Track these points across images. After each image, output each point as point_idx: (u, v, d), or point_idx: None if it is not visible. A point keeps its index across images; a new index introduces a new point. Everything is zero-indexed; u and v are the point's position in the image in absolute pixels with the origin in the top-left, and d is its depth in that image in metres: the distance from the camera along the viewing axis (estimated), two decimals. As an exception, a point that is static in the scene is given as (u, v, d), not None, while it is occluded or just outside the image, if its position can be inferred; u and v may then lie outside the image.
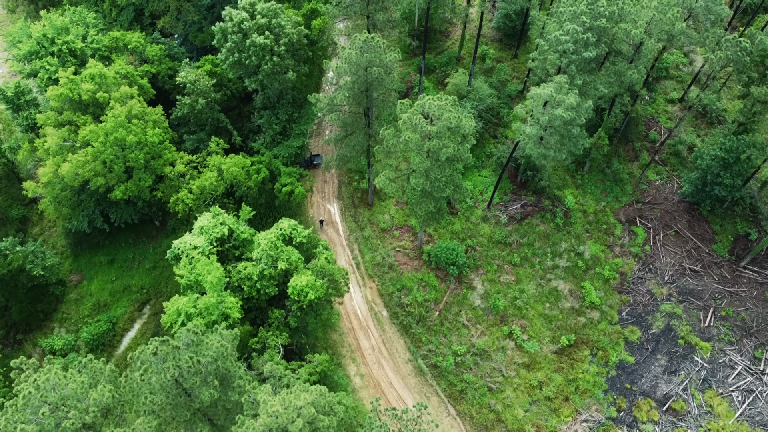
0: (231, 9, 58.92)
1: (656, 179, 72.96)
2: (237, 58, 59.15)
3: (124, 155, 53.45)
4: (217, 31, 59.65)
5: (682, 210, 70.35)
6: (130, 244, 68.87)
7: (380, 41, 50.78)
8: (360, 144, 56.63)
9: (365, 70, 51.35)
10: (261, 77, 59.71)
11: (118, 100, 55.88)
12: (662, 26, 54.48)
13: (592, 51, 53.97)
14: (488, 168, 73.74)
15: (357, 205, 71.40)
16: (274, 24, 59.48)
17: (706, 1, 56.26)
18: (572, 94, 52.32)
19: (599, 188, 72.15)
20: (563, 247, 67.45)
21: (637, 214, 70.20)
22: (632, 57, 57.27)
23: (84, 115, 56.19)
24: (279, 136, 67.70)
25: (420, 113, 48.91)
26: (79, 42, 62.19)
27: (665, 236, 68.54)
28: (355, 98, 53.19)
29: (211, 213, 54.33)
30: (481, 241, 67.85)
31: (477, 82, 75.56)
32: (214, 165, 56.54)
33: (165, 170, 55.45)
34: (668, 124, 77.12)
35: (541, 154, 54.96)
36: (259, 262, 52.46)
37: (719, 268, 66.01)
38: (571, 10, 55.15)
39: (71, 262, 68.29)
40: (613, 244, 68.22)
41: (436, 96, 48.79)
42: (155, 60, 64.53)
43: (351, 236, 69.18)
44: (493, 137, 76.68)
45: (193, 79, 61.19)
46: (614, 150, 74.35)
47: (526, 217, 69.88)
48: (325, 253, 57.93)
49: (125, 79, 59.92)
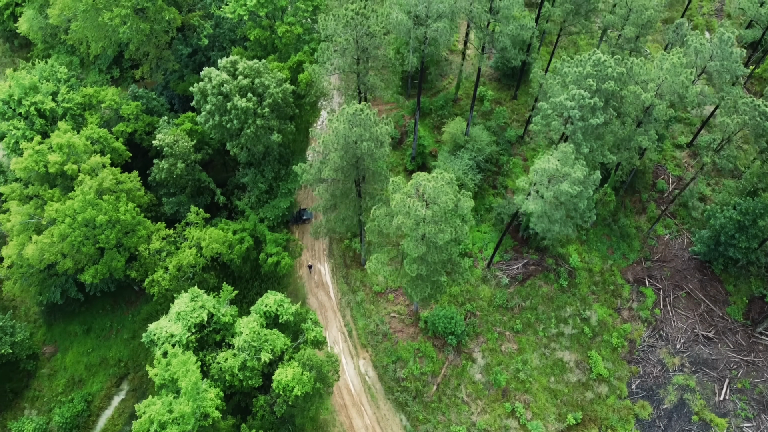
0: (210, 69, 54.73)
1: (665, 233, 69.00)
2: (217, 121, 54.99)
3: (94, 235, 49.23)
4: (195, 92, 55.48)
5: (693, 268, 66.44)
6: (108, 311, 64.65)
7: (370, 113, 46.67)
8: (350, 218, 52.56)
9: (355, 144, 47.25)
10: (243, 141, 55.55)
11: (88, 171, 51.65)
12: (674, 89, 50.48)
13: (599, 117, 49.98)
14: (488, 222, 69.71)
15: (349, 265, 67.26)
16: (258, 84, 55.33)
17: (722, 61, 52.29)
18: (579, 166, 48.33)
19: (605, 245, 68.19)
20: (568, 312, 63.45)
21: (645, 274, 66.25)
22: (642, 119, 53.31)
23: (51, 189, 51.98)
24: (265, 195, 63.52)
25: (414, 193, 44.82)
26: (49, 101, 57.94)
27: (676, 298, 64.60)
28: (343, 171, 49.10)
29: (188, 295, 50.21)
30: (480, 305, 63.82)
31: (475, 129, 71.47)
32: (193, 239, 52.35)
33: (139, 248, 51.24)
34: (676, 172, 73.20)
35: (546, 229, 50.95)
36: (241, 351, 48.39)
37: (734, 334, 62.12)
38: (576, 71, 51.13)
39: (44, 331, 64.05)
40: (620, 308, 64.25)
41: (432, 175, 44.66)
42: (131, 118, 60.25)
43: (343, 300, 65.05)
44: (493, 187, 72.65)
45: (171, 141, 57.00)
46: (620, 201, 70.38)
47: (529, 278, 65.88)
48: (314, 330, 53.99)
49: (97, 144, 55.67)
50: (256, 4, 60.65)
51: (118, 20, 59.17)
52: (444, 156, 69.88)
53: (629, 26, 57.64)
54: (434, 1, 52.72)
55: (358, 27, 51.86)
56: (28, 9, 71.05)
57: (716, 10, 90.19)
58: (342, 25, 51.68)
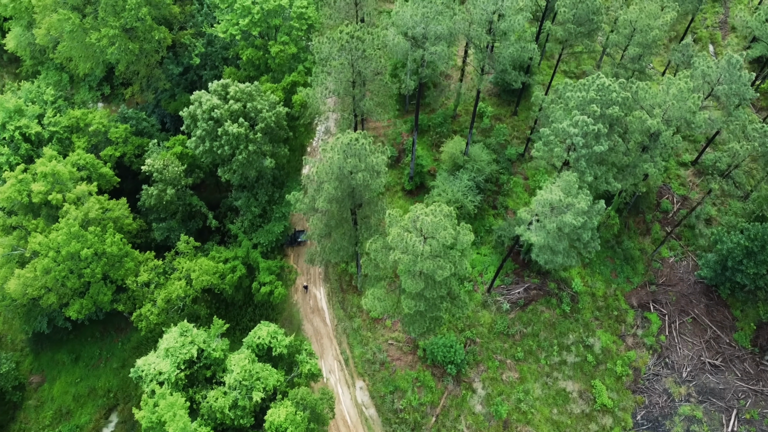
0: (201, 93, 52.89)
1: (670, 256, 67.18)
2: (208, 147, 53.14)
3: (78, 268, 47.35)
4: (185, 116, 53.66)
5: (699, 292, 64.62)
6: (97, 338, 62.77)
7: (365, 143, 44.79)
8: (345, 248, 50.70)
9: (350, 174, 45.38)
10: (235, 167, 53.69)
11: (73, 201, 49.77)
12: (681, 114, 48.64)
13: (604, 144, 48.12)
14: (488, 244, 67.85)
15: (345, 290, 65.40)
16: (250, 108, 53.49)
17: (730, 84, 50.48)
18: (582, 195, 46.51)
19: (609, 268, 66.34)
20: (571, 339, 61.63)
21: (650, 298, 64.43)
22: (647, 144, 51.49)
23: (35, 219, 50.10)
24: (258, 219, 61.68)
25: (411, 227, 42.97)
26: (35, 125, 56.11)
27: (681, 324, 62.80)
28: (338, 202, 47.24)
29: (177, 330, 48.35)
30: (481, 332, 61.99)
31: (475, 148, 69.53)
32: (183, 271, 50.48)
33: (127, 281, 49.37)
34: (681, 191, 71.37)
35: (549, 260, 49.12)
36: (232, 390, 46.53)
37: (742, 361, 60.32)
38: (579, 96, 49.27)
39: (31, 360, 62.16)
40: (625, 334, 62.43)
41: (430, 209, 42.80)
42: (120, 141, 58.37)
43: (339, 326, 63.20)
44: (493, 207, 70.79)
45: (161, 166, 55.11)
46: (623, 223, 68.54)
47: (530, 303, 64.05)
48: (309, 363, 52.19)
49: (84, 171, 53.78)
50: (249, 24, 58.83)
51: (105, 41, 57.34)
52: (443, 176, 68.03)
53: (633, 46, 55.82)
54: (432, 23, 50.85)
55: (353, 50, 50.03)
56: (15, 26, 69.16)
57: (720, 22, 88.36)
58: (337, 49, 49.84)
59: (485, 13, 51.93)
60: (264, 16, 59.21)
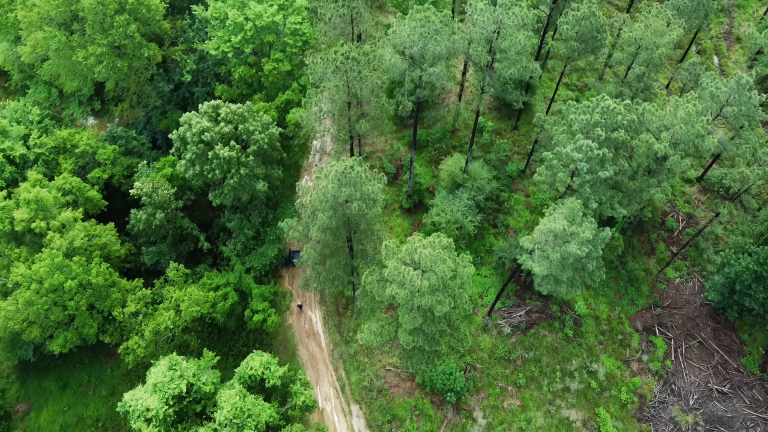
0: (191, 114, 51.02)
1: (675, 277, 65.35)
2: (198, 170, 51.28)
3: (63, 301, 45.47)
4: (175, 138, 51.81)
5: (705, 315, 62.81)
6: (85, 364, 60.84)
7: (360, 171, 42.92)
8: (340, 278, 48.84)
9: (345, 203, 43.53)
10: (226, 191, 51.83)
11: (57, 228, 47.86)
12: (689, 138, 46.81)
13: (609, 169, 46.29)
14: (488, 265, 66.00)
15: (342, 313, 63.53)
16: (242, 130, 51.61)
17: (740, 106, 48.66)
18: (587, 224, 44.69)
19: (612, 289, 64.50)
20: (574, 364, 59.79)
21: (655, 321, 62.60)
22: (653, 168, 49.66)
23: (18, 247, 48.20)
24: (252, 241, 59.81)
25: (408, 260, 41.11)
26: (20, 147, 54.21)
27: (688, 348, 60.97)
28: (332, 231, 45.38)
29: (166, 363, 46.50)
30: (481, 357, 60.13)
31: (474, 166, 67.63)
32: (172, 300, 48.60)
33: (114, 312, 47.48)
34: (686, 209, 69.54)
35: (552, 290, 47.30)
36: (223, 427, 44.71)
37: (750, 388, 58.52)
38: (583, 118, 47.45)
39: (17, 388, 60.24)
40: (629, 359, 60.58)
41: (429, 240, 40.97)
42: (108, 163, 56.46)
43: (335, 351, 61.34)
44: (493, 226, 68.94)
45: (150, 190, 53.23)
46: (627, 242, 66.72)
47: (532, 326, 62.21)
48: (303, 394, 50.55)
49: (69, 195, 51.87)
50: (241, 41, 56.95)
51: (93, 59, 55.46)
52: (442, 195, 66.20)
53: (638, 65, 54.00)
54: (430, 42, 48.99)
55: (349, 72, 48.17)
56: (2, 41, 67.26)
57: (725, 33, 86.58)
58: (331, 71, 47.98)
59: (485, 32, 50.11)
60: (257, 33, 57.35)
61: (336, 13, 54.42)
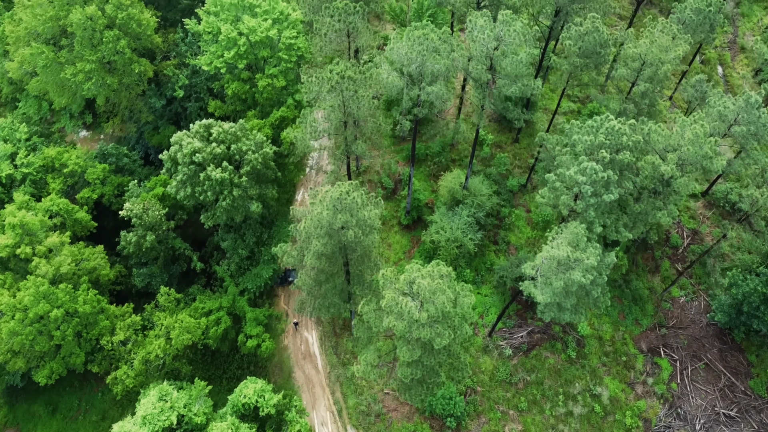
0: (181, 135, 49.46)
1: (680, 295, 63.81)
2: (189, 192, 49.71)
3: (48, 330, 43.88)
4: (165, 159, 50.29)
5: (711, 335, 61.27)
6: (75, 388, 59.26)
7: (356, 196, 41.33)
8: (336, 305, 47.31)
9: (340, 229, 41.95)
10: (218, 213, 50.26)
11: (44, 254, 46.27)
12: (697, 160, 45.27)
13: (614, 192, 44.71)
14: (488, 284, 64.41)
15: (339, 334, 61.95)
16: (234, 150, 50.04)
17: (748, 125, 47.12)
18: (591, 249, 43.14)
19: (616, 309, 62.92)
20: (577, 387, 58.24)
21: (660, 342, 61.06)
22: (659, 189, 48.10)
23: (3, 273, 46.60)
24: (246, 261, 58.23)
25: (407, 289, 39.55)
26: (7, 167, 52.66)
27: (694, 370, 59.44)
28: (328, 258, 43.80)
29: (156, 394, 44.95)
30: (482, 380, 58.58)
31: (475, 181, 66.00)
32: (162, 328, 47.02)
33: (102, 341, 45.89)
34: (691, 225, 67.97)
35: (555, 317, 45.75)
36: (215, 462, 43.21)
37: (758, 412, 56.98)
38: (587, 139, 45.85)
39: (5, 413, 58.67)
40: (634, 381, 59.04)
41: (427, 270, 39.40)
42: (98, 182, 54.88)
43: (332, 374, 59.76)
44: (494, 243, 67.36)
45: (140, 211, 51.65)
46: (631, 259, 65.16)
47: (534, 347, 60.66)
48: (298, 423, 49.11)
49: (57, 217, 50.27)
50: (234, 56, 55.37)
51: (81, 76, 53.88)
52: (441, 211, 64.63)
53: (642, 81, 52.44)
54: (428, 60, 47.41)
55: (345, 91, 46.59)
56: (-10, 55, 65.63)
57: (729, 42, 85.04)
58: (327, 90, 46.39)
59: (485, 49, 48.55)
60: (251, 48, 55.77)
61: (332, 28, 52.78)
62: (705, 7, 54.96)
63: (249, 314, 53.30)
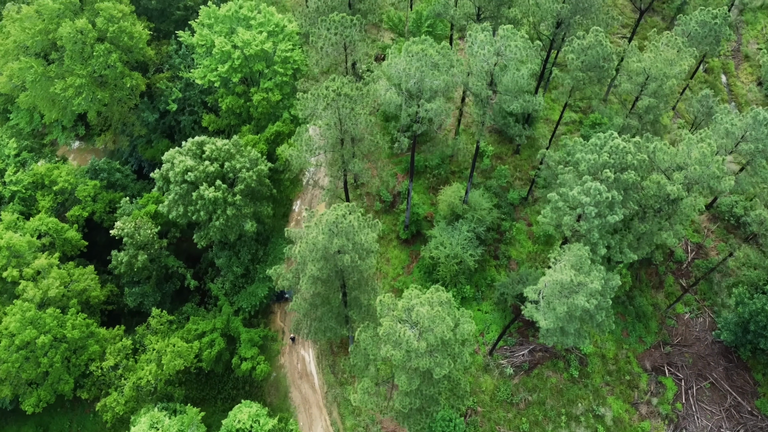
0: (173, 153, 48.13)
1: (685, 312, 62.50)
2: (182, 211, 48.36)
3: (35, 357, 42.53)
4: (157, 178, 48.96)
5: (717, 353, 59.97)
6: (67, 409, 57.77)
7: (353, 219, 40.01)
8: (332, 329, 46.00)
9: (337, 254, 40.62)
10: (212, 234, 48.92)
11: (31, 276, 44.92)
12: (704, 180, 43.97)
13: (618, 213, 43.37)
14: (489, 300, 63.09)
15: (336, 352, 60.59)
16: (228, 168, 48.70)
17: (757, 143, 45.83)
18: (595, 272, 41.83)
19: (620, 326, 61.61)
20: (580, 408, 56.93)
21: (665, 361, 59.74)
22: (666, 210, 46.77)
23: (-11, 297, 45.29)
24: (241, 279, 56.89)
25: (405, 316, 38.23)
26: (-6, 184, 51.23)
27: (699, 389, 58.14)
28: (323, 282, 42.48)
29: (147, 421, 43.62)
30: (482, 400, 57.24)
31: (475, 195, 64.64)
32: (153, 352, 45.68)
33: (91, 367, 44.53)
34: (695, 239, 66.65)
35: (558, 342, 44.42)
36: (207, 493, 41.95)
37: (766, 433, 55.73)
38: (590, 158, 44.50)
39: (-6, 435, 57.32)
40: (638, 401, 57.74)
41: (426, 297, 38.08)
42: (88, 200, 53.52)
43: (329, 394, 58.41)
44: (494, 257, 66.05)
45: (131, 230, 50.30)
46: (635, 274, 63.87)
47: (535, 366, 59.34)
48: (294, 449, 47.67)
49: (46, 237, 48.91)
50: (229, 70, 54.03)
51: (71, 91, 52.54)
52: (441, 226, 63.27)
53: (647, 96, 51.13)
54: (427, 76, 46.07)
55: (341, 108, 45.27)
56: (-20, 66, 64.16)
57: (733, 51, 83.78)
58: (322, 107, 45.07)
59: (486, 65, 47.24)
60: (245, 62, 54.44)
61: (328, 41, 51.52)
62: (710, 19, 53.67)
63: (244, 335, 51.95)
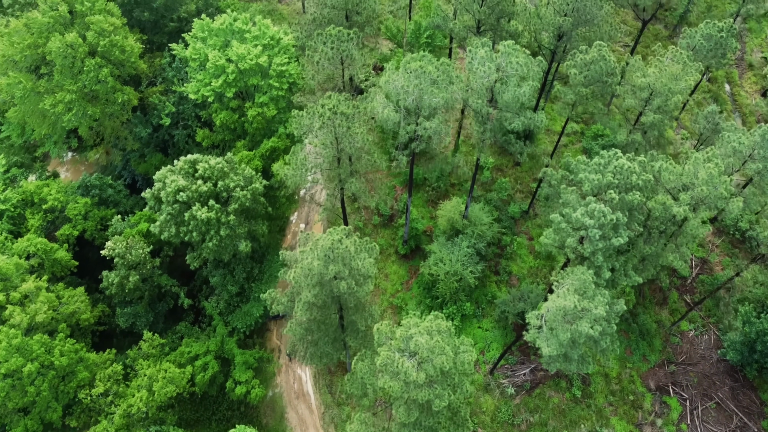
0: (165, 172, 46.83)
1: (689, 329, 61.24)
2: (174, 232, 47.07)
3: (22, 386, 41.22)
4: (149, 197, 47.67)
5: (722, 372, 58.71)
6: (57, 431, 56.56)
7: (349, 244, 38.74)
8: (329, 355, 44.73)
9: (332, 281, 39.33)
10: (205, 254, 47.63)
11: (19, 301, 43.62)
12: (711, 201, 42.72)
13: (623, 235, 42.10)
14: (490, 317, 61.82)
15: (334, 372, 59.31)
16: (221, 187, 47.40)
17: (764, 161, 44.56)
18: (600, 297, 40.58)
19: (623, 343, 60.33)
20: (583, 429, 55.65)
21: (669, 380, 58.48)
22: (672, 231, 45.53)
23: (-25, 322, 43.93)
24: (236, 298, 55.61)
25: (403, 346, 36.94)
26: (-19, 203, 49.93)
27: (704, 410, 56.87)
28: (319, 309, 41.21)
29: (138, 450, 42.41)
30: (483, 421, 55.98)
31: (475, 209, 63.35)
32: (145, 378, 44.37)
33: (80, 395, 43.25)
34: (700, 253, 65.44)
35: (562, 368, 43.16)
36: None
37: (773, 456, 54.47)
38: (594, 178, 43.23)
39: (-16, 458, 55.94)
40: (642, 422, 56.48)
41: (425, 326, 36.76)
42: (79, 218, 52.23)
43: (326, 415, 57.15)
44: (495, 273, 64.77)
45: (123, 250, 49.00)
46: (638, 291, 62.60)
47: (537, 386, 58.07)
48: (289, 475, 46.33)
49: (35, 258, 47.62)
50: (223, 85, 52.75)
51: (61, 107, 51.27)
52: (440, 242, 61.98)
53: (651, 112, 49.86)
54: (426, 94, 44.79)
55: (337, 127, 43.99)
56: (-31, 79, 62.83)
57: (737, 59, 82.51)
58: (318, 126, 43.79)
59: (486, 81, 45.98)
60: (240, 76, 53.16)
61: (324, 55, 50.24)
62: (716, 32, 52.45)
63: (238, 357, 50.67)
